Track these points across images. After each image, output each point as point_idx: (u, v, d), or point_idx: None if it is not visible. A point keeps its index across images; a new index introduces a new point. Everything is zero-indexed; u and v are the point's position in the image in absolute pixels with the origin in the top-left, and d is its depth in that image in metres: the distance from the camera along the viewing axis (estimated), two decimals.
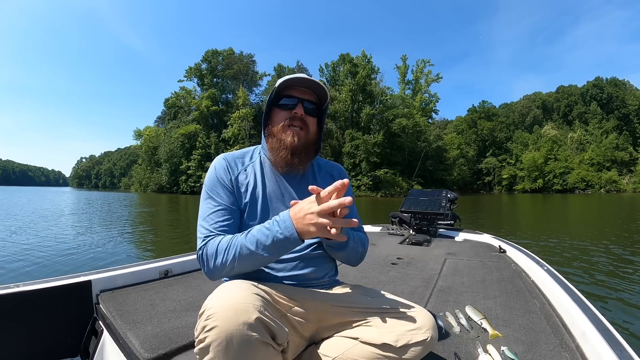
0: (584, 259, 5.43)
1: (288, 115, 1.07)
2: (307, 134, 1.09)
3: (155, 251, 6.48)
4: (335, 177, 1.22)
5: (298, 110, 1.06)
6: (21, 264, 5.21)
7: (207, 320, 0.70)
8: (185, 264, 2.12)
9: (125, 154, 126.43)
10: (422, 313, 0.93)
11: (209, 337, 0.69)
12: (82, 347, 1.49)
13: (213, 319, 0.69)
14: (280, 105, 1.09)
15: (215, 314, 0.69)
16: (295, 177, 1.12)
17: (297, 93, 1.09)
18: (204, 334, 0.70)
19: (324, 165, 1.25)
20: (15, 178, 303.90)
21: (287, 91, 1.08)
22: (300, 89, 1.09)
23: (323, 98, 1.12)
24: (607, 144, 59.40)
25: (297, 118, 1.06)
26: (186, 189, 53.00)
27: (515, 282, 2.01)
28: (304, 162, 1.10)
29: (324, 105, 1.14)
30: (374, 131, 46.67)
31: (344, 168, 1.30)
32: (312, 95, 1.11)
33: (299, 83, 1.08)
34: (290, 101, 1.08)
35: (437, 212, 3.72)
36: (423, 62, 59.74)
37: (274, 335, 0.73)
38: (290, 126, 1.06)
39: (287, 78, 1.05)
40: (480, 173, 69.76)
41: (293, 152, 1.05)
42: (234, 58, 59.52)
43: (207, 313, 0.71)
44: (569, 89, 72.83)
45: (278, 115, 1.09)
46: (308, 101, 1.09)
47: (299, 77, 1.05)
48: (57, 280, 1.52)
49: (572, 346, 1.21)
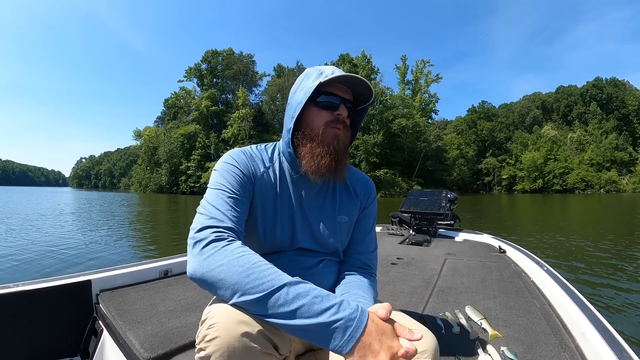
0: (584, 259, 5.43)
1: (330, 117, 0.92)
2: (347, 138, 0.97)
3: (155, 251, 6.48)
4: (359, 194, 1.07)
5: (342, 111, 0.92)
6: (21, 263, 5.21)
7: (208, 330, 0.68)
8: (185, 264, 2.11)
9: (124, 154, 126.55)
10: (426, 335, 0.85)
11: (209, 347, 0.67)
12: (82, 346, 1.49)
13: (215, 329, 0.67)
14: (319, 104, 0.93)
15: (217, 323, 0.68)
16: (313, 188, 0.99)
17: (339, 91, 0.94)
18: (205, 344, 0.68)
19: (349, 175, 1.07)
20: (15, 178, 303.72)
21: (326, 88, 0.93)
22: (340, 86, 0.95)
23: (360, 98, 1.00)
24: (606, 144, 59.46)
25: (341, 121, 0.93)
26: (186, 189, 53.01)
27: (515, 283, 2.01)
28: (342, 170, 0.96)
29: (359, 106, 1.02)
30: (374, 131, 46.65)
31: (373, 183, 1.13)
32: (350, 94, 0.97)
33: (343, 80, 0.93)
34: (334, 100, 0.93)
35: (437, 212, 3.73)
36: (423, 62, 59.76)
37: (276, 346, 0.71)
38: (333, 128, 0.93)
39: (335, 76, 0.90)
40: (480, 173, 69.82)
41: (336, 158, 0.92)
42: (233, 58, 59.53)
43: (209, 322, 0.69)
44: (569, 89, 72.88)
45: (318, 115, 0.93)
46: (349, 101, 0.96)
47: (346, 76, 0.90)
48: (57, 280, 1.52)
49: (572, 346, 1.21)
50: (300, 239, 0.97)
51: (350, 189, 1.05)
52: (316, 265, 0.97)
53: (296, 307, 0.63)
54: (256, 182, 0.93)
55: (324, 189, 1.01)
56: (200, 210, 0.83)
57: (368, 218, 1.09)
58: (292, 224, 0.96)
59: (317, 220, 0.98)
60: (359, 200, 1.06)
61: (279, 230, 0.94)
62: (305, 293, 0.65)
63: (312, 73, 0.95)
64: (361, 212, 1.07)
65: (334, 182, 1.03)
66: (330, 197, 1.01)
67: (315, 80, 0.92)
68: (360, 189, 1.07)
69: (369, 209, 1.08)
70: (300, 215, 0.97)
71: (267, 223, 0.94)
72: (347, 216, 1.02)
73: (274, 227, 0.94)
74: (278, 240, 0.94)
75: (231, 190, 0.86)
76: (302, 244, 0.97)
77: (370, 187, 1.10)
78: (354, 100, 0.99)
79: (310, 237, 0.98)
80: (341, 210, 1.01)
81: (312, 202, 0.98)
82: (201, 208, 0.84)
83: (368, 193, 1.08)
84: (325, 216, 0.99)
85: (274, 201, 0.95)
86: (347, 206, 1.03)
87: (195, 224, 0.80)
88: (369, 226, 1.09)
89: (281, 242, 0.95)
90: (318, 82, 0.90)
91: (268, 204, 0.94)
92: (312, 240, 0.98)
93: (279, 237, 0.94)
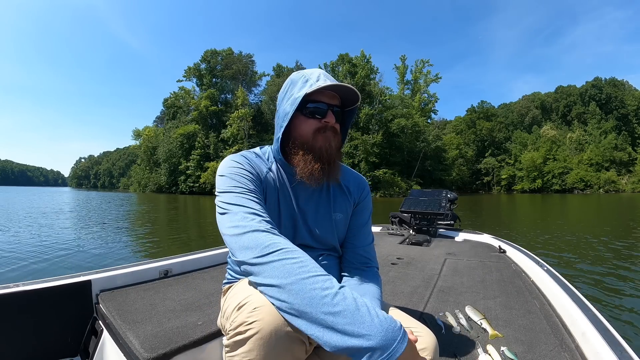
0: (584, 259, 5.44)
1: (318, 124, 0.95)
2: (337, 142, 0.99)
3: (155, 251, 6.47)
4: (352, 192, 1.10)
5: (329, 119, 0.95)
6: (21, 263, 5.20)
7: (251, 313, 0.70)
8: (185, 264, 2.11)
9: (124, 154, 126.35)
10: (425, 333, 0.88)
11: (252, 329, 0.69)
12: (82, 346, 1.48)
13: (258, 312, 0.69)
14: (307, 112, 0.95)
15: (261, 307, 0.70)
16: (308, 189, 1.02)
17: (325, 98, 0.96)
18: (245, 327, 0.70)
19: (342, 175, 1.10)
20: (14, 178, 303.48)
21: (313, 96, 0.95)
22: (327, 92, 0.96)
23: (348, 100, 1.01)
24: (605, 144, 59.54)
25: (329, 127, 0.96)
26: (185, 189, 52.96)
27: (515, 282, 2.01)
28: (335, 172, 0.99)
29: (347, 107, 1.03)
30: (373, 131, 46.69)
31: (366, 181, 1.17)
32: (338, 99, 0.99)
33: (328, 88, 0.95)
34: (321, 107, 0.95)
35: (437, 212, 3.73)
36: (422, 62, 59.84)
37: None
38: (323, 134, 0.95)
39: (320, 87, 0.92)
40: (479, 173, 69.87)
41: (328, 164, 0.95)
42: (233, 58, 59.48)
43: (252, 306, 0.71)
44: (568, 89, 72.97)
45: (306, 123, 0.96)
46: (336, 106, 0.98)
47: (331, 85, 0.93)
48: (57, 280, 1.52)
49: (572, 346, 1.21)
50: (300, 237, 1.02)
51: (344, 188, 1.09)
52: (316, 259, 1.00)
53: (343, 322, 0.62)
54: (263, 182, 0.95)
55: (318, 189, 1.04)
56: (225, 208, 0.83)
57: (362, 213, 1.13)
58: (292, 222, 1.01)
59: (314, 219, 1.03)
60: (353, 198, 1.10)
61: (283, 229, 0.99)
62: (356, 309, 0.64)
63: (298, 80, 0.97)
64: (355, 207, 1.11)
65: (328, 182, 1.06)
66: (325, 196, 1.05)
67: (300, 89, 0.94)
68: (354, 187, 1.11)
69: (362, 204, 1.13)
70: (299, 215, 1.01)
71: (274, 221, 0.95)
72: (342, 213, 1.07)
73: (279, 225, 0.98)
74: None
75: (249, 188, 0.88)
76: (302, 241, 1.02)
77: (363, 185, 1.14)
78: (343, 101, 1.01)
79: (308, 234, 1.03)
80: (336, 209, 1.06)
81: (308, 202, 1.03)
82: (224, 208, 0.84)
83: (361, 190, 1.13)
84: (321, 215, 1.04)
85: (277, 201, 0.99)
86: (342, 204, 1.08)
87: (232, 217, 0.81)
88: (364, 220, 1.13)
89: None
90: (304, 92, 0.92)
91: (273, 203, 0.98)
92: (311, 238, 1.03)
93: (284, 234, 0.96)
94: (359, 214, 1.12)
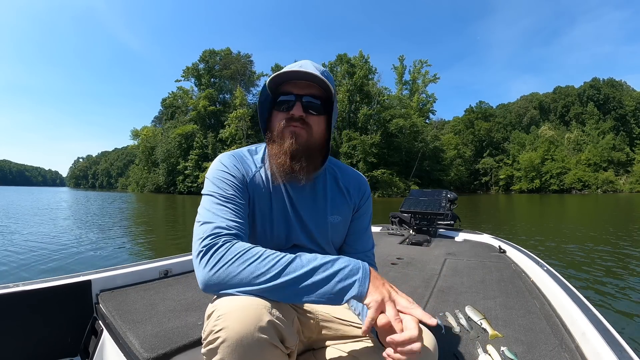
0: (584, 259, 5.45)
1: (285, 116, 0.90)
2: (310, 136, 0.92)
3: (155, 251, 6.46)
4: (351, 193, 1.04)
5: (295, 111, 0.89)
6: (21, 263, 5.18)
7: (217, 321, 0.68)
8: (185, 264, 2.11)
9: (122, 154, 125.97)
10: (425, 333, 0.85)
11: (219, 338, 0.67)
12: (82, 346, 1.48)
13: (223, 319, 0.67)
14: (277, 105, 0.92)
15: (226, 314, 0.67)
16: (303, 188, 0.97)
17: (295, 89, 0.90)
18: (213, 335, 0.68)
19: (342, 175, 1.05)
20: (12, 178, 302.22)
21: (285, 87, 0.91)
22: (300, 83, 0.91)
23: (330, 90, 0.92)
24: (603, 145, 59.77)
25: (296, 119, 0.90)
26: (183, 189, 52.85)
27: (515, 283, 2.02)
28: (308, 169, 0.92)
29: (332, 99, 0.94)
30: (371, 131, 46.73)
31: (367, 182, 1.11)
32: (316, 89, 0.91)
33: (294, 77, 0.90)
34: (288, 98, 0.90)
35: (437, 212, 3.73)
36: (420, 63, 59.94)
37: (283, 339, 0.71)
38: (289, 127, 0.90)
39: (277, 74, 0.88)
40: (477, 173, 69.97)
41: (293, 157, 0.89)
42: (231, 58, 59.41)
43: (217, 313, 0.69)
44: (566, 90, 73.21)
45: (277, 117, 0.92)
46: (310, 96, 0.91)
47: (291, 72, 0.88)
48: (57, 280, 1.52)
49: (572, 346, 1.22)
50: (294, 237, 0.97)
51: (343, 188, 1.04)
52: None
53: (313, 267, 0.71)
54: (249, 183, 0.93)
55: (314, 188, 1.00)
56: (199, 219, 0.83)
57: (363, 218, 1.08)
58: (286, 221, 0.97)
59: (309, 219, 0.98)
60: (352, 200, 1.04)
61: (276, 228, 0.96)
62: (313, 257, 0.74)
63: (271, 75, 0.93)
64: (355, 212, 1.06)
65: (325, 182, 1.02)
66: (321, 196, 1.00)
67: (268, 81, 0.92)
68: (353, 189, 1.05)
69: (363, 209, 1.07)
70: (293, 214, 0.97)
71: (265, 221, 0.95)
72: (340, 216, 1.01)
73: (271, 225, 0.95)
74: (275, 237, 0.96)
75: (226, 195, 0.86)
76: (296, 241, 0.98)
77: (364, 187, 1.08)
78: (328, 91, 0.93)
79: (303, 234, 0.98)
80: (333, 211, 1.00)
81: (303, 201, 0.98)
82: (199, 217, 0.83)
83: (361, 193, 1.06)
84: (317, 216, 0.99)
85: (269, 200, 0.95)
86: (339, 206, 1.02)
87: (197, 234, 0.80)
88: (364, 225, 1.08)
89: (278, 239, 0.96)
90: (265, 84, 0.92)
91: (264, 203, 0.94)
92: (306, 238, 0.99)
93: (276, 234, 0.96)
94: (359, 218, 1.07)
